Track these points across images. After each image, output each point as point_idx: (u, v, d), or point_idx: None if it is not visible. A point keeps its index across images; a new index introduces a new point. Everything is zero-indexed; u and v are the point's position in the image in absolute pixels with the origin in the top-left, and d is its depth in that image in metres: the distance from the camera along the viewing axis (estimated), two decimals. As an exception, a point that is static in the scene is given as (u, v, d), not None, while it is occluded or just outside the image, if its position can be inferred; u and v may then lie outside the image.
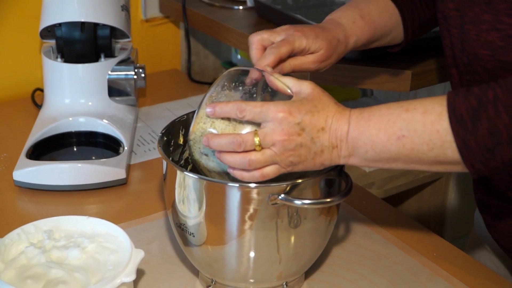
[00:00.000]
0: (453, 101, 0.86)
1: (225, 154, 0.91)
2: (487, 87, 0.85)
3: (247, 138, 0.89)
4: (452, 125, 0.85)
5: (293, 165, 0.90)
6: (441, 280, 1.06)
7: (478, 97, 0.84)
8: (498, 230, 1.13)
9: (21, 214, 1.23)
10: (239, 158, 0.90)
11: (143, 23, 1.82)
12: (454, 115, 0.85)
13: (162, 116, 1.57)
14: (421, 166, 0.90)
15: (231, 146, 0.90)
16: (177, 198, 0.96)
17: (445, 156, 0.87)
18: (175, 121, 1.06)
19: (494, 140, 0.84)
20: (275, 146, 0.89)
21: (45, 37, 1.46)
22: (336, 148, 0.90)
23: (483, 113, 0.84)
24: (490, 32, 0.95)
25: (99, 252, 0.97)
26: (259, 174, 0.91)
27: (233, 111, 0.91)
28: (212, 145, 0.92)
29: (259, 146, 0.89)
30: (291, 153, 0.89)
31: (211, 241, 0.96)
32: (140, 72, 1.45)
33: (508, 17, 0.92)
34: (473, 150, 0.85)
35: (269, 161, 0.90)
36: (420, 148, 0.87)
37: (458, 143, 0.85)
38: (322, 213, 0.96)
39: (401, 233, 1.17)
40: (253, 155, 0.90)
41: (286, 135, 0.88)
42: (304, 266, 1.02)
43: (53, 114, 1.41)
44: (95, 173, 1.27)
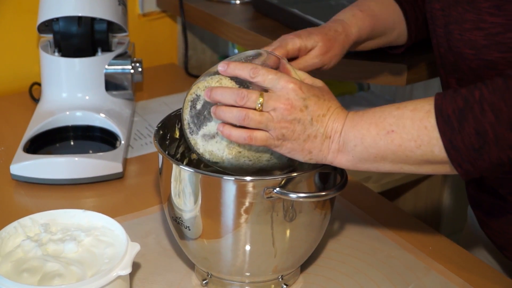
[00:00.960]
0: (440, 102, 0.86)
1: (222, 107, 0.91)
2: (474, 87, 0.85)
3: (252, 94, 0.89)
4: (439, 126, 0.85)
5: (283, 139, 0.90)
6: (437, 274, 1.06)
7: (464, 97, 0.85)
8: (489, 227, 1.14)
9: (18, 208, 1.23)
10: (236, 111, 0.90)
11: (140, 18, 1.82)
12: (441, 115, 0.85)
13: (159, 110, 1.57)
14: (409, 167, 0.90)
15: (233, 98, 0.90)
16: (173, 191, 0.96)
17: (432, 154, 0.87)
18: (171, 115, 1.07)
19: (480, 139, 0.84)
20: (275, 111, 0.89)
21: (43, 31, 1.46)
22: (329, 139, 0.90)
23: (469, 113, 0.84)
24: (473, 32, 0.95)
25: (95, 246, 0.97)
26: (247, 135, 0.90)
27: (246, 71, 0.91)
28: (214, 95, 0.91)
29: (260, 107, 0.89)
30: (287, 124, 0.89)
31: (207, 234, 0.96)
32: (137, 66, 1.45)
33: (490, 16, 0.93)
34: (460, 150, 0.85)
35: (263, 124, 0.89)
36: (408, 145, 0.87)
37: (445, 143, 0.85)
38: (317, 207, 0.97)
39: (397, 227, 1.17)
40: (251, 112, 0.89)
41: (289, 105, 0.89)
42: (300, 260, 1.03)
43: (51, 108, 1.42)
44: (92, 167, 1.27)
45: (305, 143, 0.90)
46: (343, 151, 0.91)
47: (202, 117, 0.95)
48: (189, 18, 1.73)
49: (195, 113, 0.96)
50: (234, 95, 0.90)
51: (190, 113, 0.96)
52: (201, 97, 0.95)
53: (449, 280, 1.05)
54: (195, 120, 0.96)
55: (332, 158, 0.92)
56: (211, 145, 0.95)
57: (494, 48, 0.94)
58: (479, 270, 1.08)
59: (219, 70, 0.93)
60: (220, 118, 0.92)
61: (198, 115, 0.96)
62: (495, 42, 0.94)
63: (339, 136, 0.90)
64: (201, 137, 0.96)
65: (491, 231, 1.14)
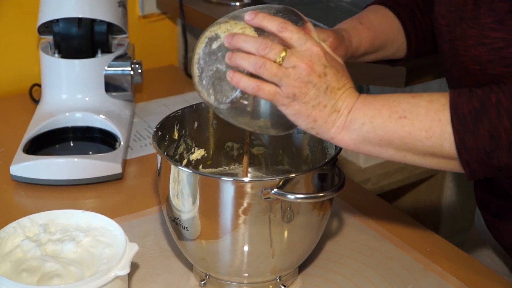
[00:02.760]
0: (456, 99, 0.86)
1: (239, 53, 0.89)
2: (490, 90, 0.85)
3: (275, 46, 0.87)
4: (453, 122, 0.85)
5: (293, 99, 0.88)
6: (434, 275, 1.07)
7: (481, 99, 0.85)
8: (497, 229, 1.14)
9: (17, 208, 1.24)
10: (253, 58, 0.88)
11: (140, 19, 1.83)
12: (456, 113, 0.85)
13: (158, 112, 1.57)
14: (413, 157, 0.90)
15: (255, 46, 0.87)
16: (171, 192, 0.97)
17: (441, 148, 0.87)
18: (170, 116, 1.07)
19: (493, 143, 0.84)
20: (295, 69, 0.87)
21: (43, 33, 1.47)
22: (337, 112, 0.89)
23: (485, 115, 0.84)
24: (477, 47, 0.95)
25: (94, 246, 0.98)
26: (256, 84, 0.88)
27: (275, 24, 0.88)
28: (236, 41, 0.89)
29: (280, 61, 0.87)
30: (302, 85, 0.87)
31: (205, 235, 0.96)
32: (137, 67, 1.46)
33: (492, 31, 0.93)
34: (471, 150, 0.85)
35: (278, 78, 0.87)
36: (418, 133, 0.87)
37: (457, 141, 0.85)
38: (315, 208, 0.97)
39: (395, 229, 1.18)
40: (268, 62, 0.87)
41: (310, 67, 0.87)
42: (298, 261, 1.03)
43: (50, 109, 1.42)
44: (91, 168, 1.28)
45: (313, 110, 0.89)
46: (348, 128, 0.89)
47: (214, 57, 0.93)
48: (189, 20, 1.74)
49: (208, 51, 0.93)
50: (257, 44, 0.88)
51: (204, 49, 0.94)
52: (220, 38, 0.92)
53: (447, 281, 1.05)
54: (206, 58, 0.93)
55: (334, 133, 0.90)
56: (214, 88, 0.93)
57: (498, 62, 0.94)
58: (477, 272, 1.08)
59: (245, 19, 0.90)
60: (235, 64, 0.89)
61: (211, 54, 0.93)
62: (498, 57, 0.93)
63: (348, 112, 0.89)
64: (207, 77, 0.93)
65: (498, 233, 1.14)
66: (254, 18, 0.90)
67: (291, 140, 1.12)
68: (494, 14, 0.92)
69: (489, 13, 0.93)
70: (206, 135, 1.13)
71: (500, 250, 1.19)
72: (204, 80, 0.94)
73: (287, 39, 0.88)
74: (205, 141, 1.13)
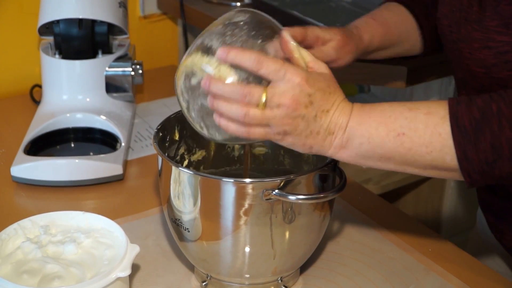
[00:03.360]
0: (455, 110, 0.85)
1: (220, 101, 0.87)
2: (490, 99, 0.84)
3: (255, 91, 0.85)
4: (454, 135, 0.84)
5: (284, 135, 0.87)
6: (436, 276, 1.07)
7: (481, 109, 0.84)
8: (500, 230, 1.13)
9: (18, 209, 1.23)
10: (235, 107, 0.86)
11: (141, 20, 1.83)
12: (457, 125, 0.84)
13: (159, 112, 1.57)
14: (414, 169, 0.89)
15: (234, 95, 0.85)
16: (172, 193, 0.97)
17: (443, 162, 0.86)
18: (171, 117, 1.07)
19: (495, 154, 0.83)
20: (279, 109, 0.85)
21: (43, 33, 1.46)
22: (332, 135, 0.88)
23: (486, 126, 0.83)
24: (482, 50, 0.94)
25: (95, 247, 0.98)
26: (245, 130, 0.87)
27: (250, 61, 0.85)
28: (213, 88, 0.86)
29: (263, 105, 0.85)
30: (290, 122, 0.86)
31: (206, 236, 0.96)
32: (138, 68, 1.45)
33: (498, 35, 0.92)
34: (473, 161, 0.84)
35: (265, 122, 0.86)
36: (418, 149, 0.86)
37: (458, 153, 0.85)
38: (316, 209, 0.97)
39: (397, 229, 1.17)
40: (252, 110, 0.85)
41: (295, 102, 0.85)
42: (299, 261, 1.03)
43: (51, 110, 1.42)
44: (92, 169, 1.28)
45: (307, 139, 0.88)
46: (346, 147, 0.88)
47: (197, 92, 0.91)
48: (190, 20, 1.74)
49: (189, 86, 0.92)
50: (236, 93, 0.85)
51: (184, 84, 0.92)
52: (196, 75, 0.90)
53: (449, 281, 1.05)
54: (189, 92, 0.92)
55: (333, 153, 0.89)
56: (204, 122, 0.92)
57: (503, 66, 0.93)
58: (479, 272, 1.08)
59: (218, 56, 0.87)
60: (219, 111, 0.88)
61: (193, 89, 0.91)
62: (504, 61, 0.93)
63: (343, 132, 0.88)
64: (195, 110, 0.92)
65: (501, 235, 1.14)
66: (226, 56, 0.87)
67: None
68: (499, 17, 0.92)
69: (495, 16, 0.92)
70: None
71: (503, 251, 1.18)
72: (192, 113, 0.93)
73: (265, 76, 0.86)
74: (206, 142, 1.13)
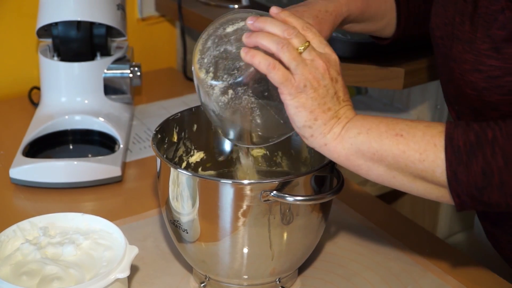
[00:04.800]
0: (451, 131, 0.85)
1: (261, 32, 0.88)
2: (487, 126, 0.84)
3: (300, 34, 0.88)
4: (447, 153, 0.84)
5: (301, 91, 0.87)
6: (433, 277, 1.07)
7: (477, 133, 0.84)
8: (496, 238, 1.13)
9: (17, 211, 1.24)
10: (277, 37, 0.87)
11: (139, 22, 1.83)
12: (451, 144, 0.84)
13: (157, 114, 1.57)
14: (402, 178, 0.88)
15: (281, 28, 0.87)
16: (171, 195, 0.97)
17: (433, 174, 0.86)
18: (169, 119, 1.07)
19: (485, 180, 0.83)
20: (313, 62, 0.87)
21: (42, 36, 1.47)
22: (337, 119, 0.88)
23: (480, 151, 0.83)
24: (473, 73, 0.94)
25: (94, 249, 0.98)
26: (272, 61, 0.87)
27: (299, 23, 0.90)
28: (261, 21, 0.88)
29: (302, 50, 0.87)
30: (315, 80, 0.87)
31: (205, 237, 0.96)
32: (136, 70, 1.46)
33: (488, 58, 0.92)
34: (462, 183, 0.84)
35: (294, 63, 0.86)
36: (411, 154, 0.86)
37: (448, 172, 0.84)
38: (314, 210, 0.97)
39: (394, 230, 1.18)
40: (289, 46, 0.87)
41: (326, 70, 0.87)
42: (297, 263, 1.03)
43: (50, 112, 1.42)
44: (90, 171, 1.28)
45: (318, 107, 0.88)
46: (343, 137, 0.88)
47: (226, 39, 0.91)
48: (188, 22, 1.74)
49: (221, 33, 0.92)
50: (283, 27, 0.87)
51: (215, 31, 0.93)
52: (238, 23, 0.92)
53: (446, 282, 1.06)
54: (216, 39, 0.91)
55: (329, 139, 0.89)
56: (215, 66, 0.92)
57: (494, 91, 0.92)
58: (476, 272, 1.09)
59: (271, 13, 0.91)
60: (253, 42, 0.88)
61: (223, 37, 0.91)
62: (495, 85, 0.92)
63: (346, 122, 0.89)
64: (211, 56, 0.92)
65: (497, 243, 1.13)
66: (279, 13, 0.90)
67: (290, 142, 1.12)
68: (490, 40, 0.91)
69: (486, 39, 0.91)
70: (205, 138, 1.13)
71: (499, 259, 1.18)
72: (206, 59, 0.92)
73: (309, 39, 0.89)
74: (204, 143, 1.13)
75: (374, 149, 0.88)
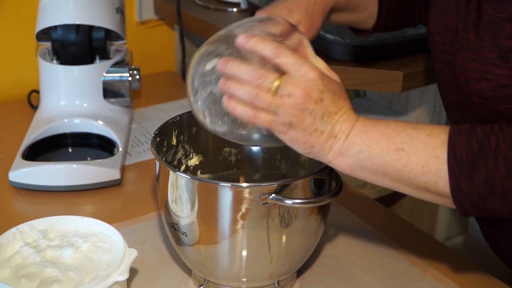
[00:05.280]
0: (455, 139, 0.85)
1: (233, 82, 0.87)
2: (491, 132, 0.84)
3: (269, 75, 0.86)
4: (449, 165, 0.84)
5: (289, 127, 0.87)
6: (432, 279, 1.07)
7: (480, 141, 0.83)
8: (494, 239, 1.13)
9: (16, 214, 1.24)
10: (247, 88, 0.86)
11: (138, 25, 1.83)
12: (454, 155, 0.84)
13: (156, 118, 1.58)
14: (407, 188, 0.89)
15: (250, 75, 0.86)
16: (170, 198, 0.97)
17: (436, 186, 0.86)
18: (168, 122, 1.08)
19: (487, 189, 0.83)
20: (290, 97, 0.85)
21: (41, 39, 1.47)
22: (334, 138, 0.87)
23: (482, 161, 0.83)
24: (480, 82, 0.93)
25: (93, 252, 0.98)
26: (252, 113, 0.87)
27: (270, 49, 0.86)
28: (229, 68, 0.87)
29: (275, 91, 0.86)
30: (298, 113, 0.86)
31: (203, 240, 0.97)
32: (135, 73, 1.46)
33: (496, 68, 0.91)
34: (465, 193, 0.84)
35: (273, 107, 0.86)
36: (414, 168, 0.86)
37: (451, 183, 0.84)
38: (312, 213, 0.97)
39: (393, 233, 1.18)
40: (263, 93, 0.86)
41: (306, 94, 0.85)
42: (296, 265, 1.03)
43: (49, 115, 1.42)
44: (89, 174, 1.28)
45: (310, 136, 0.87)
46: (344, 154, 0.88)
47: (208, 79, 0.92)
48: (187, 25, 1.74)
49: (202, 72, 0.92)
50: (251, 73, 0.86)
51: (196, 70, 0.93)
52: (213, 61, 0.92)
53: (444, 285, 1.06)
54: (201, 79, 0.93)
55: (331, 158, 0.89)
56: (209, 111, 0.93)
57: (502, 99, 0.92)
58: (475, 275, 1.09)
59: (237, 43, 0.88)
60: (229, 92, 0.88)
61: (205, 75, 0.92)
62: (503, 94, 0.92)
63: (345, 138, 0.88)
64: (202, 98, 0.93)
65: (495, 244, 1.14)
66: (246, 43, 0.88)
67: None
68: (498, 49, 0.90)
69: (493, 48, 0.91)
70: (204, 141, 1.13)
71: (495, 259, 1.17)
72: (199, 101, 0.94)
73: (282, 65, 0.87)
74: (203, 146, 1.14)
75: (376, 165, 0.88)
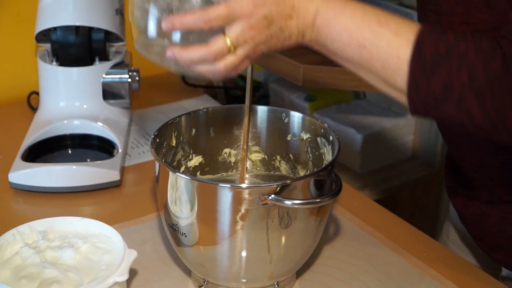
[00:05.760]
0: (424, 38, 0.84)
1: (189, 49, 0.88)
2: (463, 38, 0.83)
3: (219, 46, 0.86)
4: (412, 62, 0.84)
5: (263, 52, 0.89)
6: (432, 280, 1.07)
7: (449, 45, 0.83)
8: (465, 218, 1.16)
9: (16, 216, 1.24)
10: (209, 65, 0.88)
11: (138, 27, 1.83)
12: (419, 55, 0.84)
13: (156, 119, 1.58)
14: (369, 76, 0.90)
15: (205, 59, 0.87)
16: (169, 199, 0.97)
17: (394, 81, 0.87)
18: (168, 123, 1.08)
19: (444, 93, 0.83)
20: (247, 43, 0.87)
21: (41, 40, 1.47)
22: (303, 33, 0.89)
23: (447, 64, 0.83)
24: (460, 25, 0.94)
25: (93, 252, 0.98)
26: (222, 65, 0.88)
27: (197, 23, 0.86)
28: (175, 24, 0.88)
29: (233, 47, 0.87)
30: (262, 45, 0.88)
31: (203, 241, 0.97)
32: (135, 75, 1.46)
33: (478, 12, 0.92)
34: (421, 92, 0.84)
35: (243, 59, 0.88)
36: (374, 63, 0.87)
37: (410, 80, 0.85)
38: (312, 213, 0.98)
39: (392, 234, 1.18)
40: (227, 59, 0.87)
41: (256, 30, 0.86)
42: (295, 266, 1.04)
43: (49, 117, 1.42)
44: (89, 175, 1.28)
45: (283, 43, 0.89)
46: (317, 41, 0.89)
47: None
48: (186, 27, 1.74)
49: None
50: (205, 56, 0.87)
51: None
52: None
53: (444, 286, 1.06)
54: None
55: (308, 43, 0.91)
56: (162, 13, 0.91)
57: None
58: (474, 276, 1.09)
59: (164, 29, 0.89)
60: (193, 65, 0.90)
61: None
62: None
63: (311, 30, 0.89)
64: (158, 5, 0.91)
65: (466, 222, 1.16)
66: (172, 27, 0.89)
67: (288, 146, 1.13)
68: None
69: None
70: (204, 142, 1.14)
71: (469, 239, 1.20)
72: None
73: (219, 27, 0.87)
74: (202, 147, 1.14)
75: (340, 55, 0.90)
